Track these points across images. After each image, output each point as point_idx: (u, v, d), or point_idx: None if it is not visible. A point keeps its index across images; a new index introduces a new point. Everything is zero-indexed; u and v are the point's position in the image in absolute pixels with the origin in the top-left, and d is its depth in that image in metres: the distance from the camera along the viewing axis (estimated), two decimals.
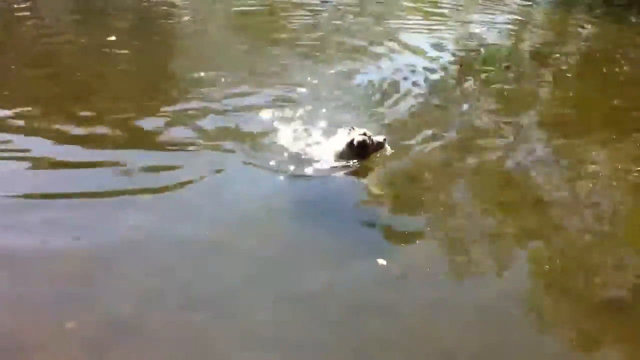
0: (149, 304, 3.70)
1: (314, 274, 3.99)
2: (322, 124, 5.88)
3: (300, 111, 6.22)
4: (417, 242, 4.46)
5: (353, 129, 5.35)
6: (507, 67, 8.18)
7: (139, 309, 3.64)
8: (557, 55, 9.10)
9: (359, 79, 7.54)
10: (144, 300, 3.71)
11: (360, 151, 5.26)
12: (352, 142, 5.23)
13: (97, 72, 7.49)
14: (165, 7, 10.72)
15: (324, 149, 5.41)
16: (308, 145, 5.51)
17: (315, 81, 7.25)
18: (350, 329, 3.58)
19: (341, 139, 5.35)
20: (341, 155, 5.29)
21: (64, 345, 3.36)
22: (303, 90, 6.96)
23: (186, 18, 10.32)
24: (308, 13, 10.67)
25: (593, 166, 5.62)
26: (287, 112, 6.18)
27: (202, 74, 7.37)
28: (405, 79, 7.53)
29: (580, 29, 10.57)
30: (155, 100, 6.72)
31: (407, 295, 3.86)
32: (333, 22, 10.36)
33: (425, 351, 3.47)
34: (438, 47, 9.04)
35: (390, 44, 9.01)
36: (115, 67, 7.75)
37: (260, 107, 6.37)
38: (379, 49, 8.77)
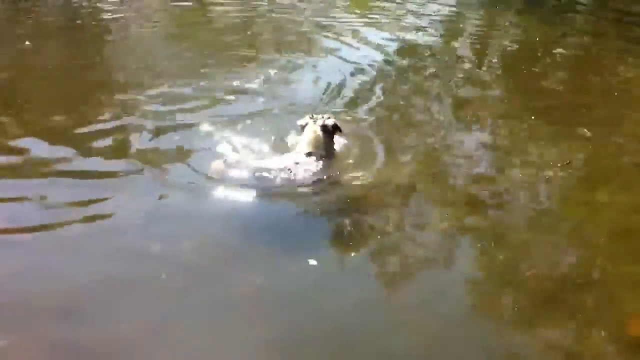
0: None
1: (245, 277, 3.85)
2: (269, 130, 5.50)
3: (246, 116, 5.80)
4: (352, 243, 4.31)
5: (313, 116, 5.08)
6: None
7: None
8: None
9: (301, 78, 7.22)
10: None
11: (333, 133, 5.05)
12: (324, 125, 4.97)
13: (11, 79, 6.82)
14: (94, 6, 10.11)
15: (293, 148, 5.02)
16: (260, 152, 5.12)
17: (258, 80, 6.87)
18: (282, 331, 3.47)
19: (308, 131, 4.99)
20: (315, 142, 4.91)
21: None
22: (245, 94, 6.52)
23: (116, 16, 9.66)
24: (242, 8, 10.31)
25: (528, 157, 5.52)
26: (232, 119, 5.69)
27: (133, 79, 6.84)
28: (351, 74, 7.26)
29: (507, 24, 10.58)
30: (78, 111, 6.01)
31: (341, 296, 3.75)
32: (268, 17, 10.03)
33: (363, 351, 3.36)
34: (377, 42, 8.76)
35: (331, 40, 8.73)
36: (33, 74, 7.04)
37: (200, 114, 5.85)
38: (320, 46, 8.49)
